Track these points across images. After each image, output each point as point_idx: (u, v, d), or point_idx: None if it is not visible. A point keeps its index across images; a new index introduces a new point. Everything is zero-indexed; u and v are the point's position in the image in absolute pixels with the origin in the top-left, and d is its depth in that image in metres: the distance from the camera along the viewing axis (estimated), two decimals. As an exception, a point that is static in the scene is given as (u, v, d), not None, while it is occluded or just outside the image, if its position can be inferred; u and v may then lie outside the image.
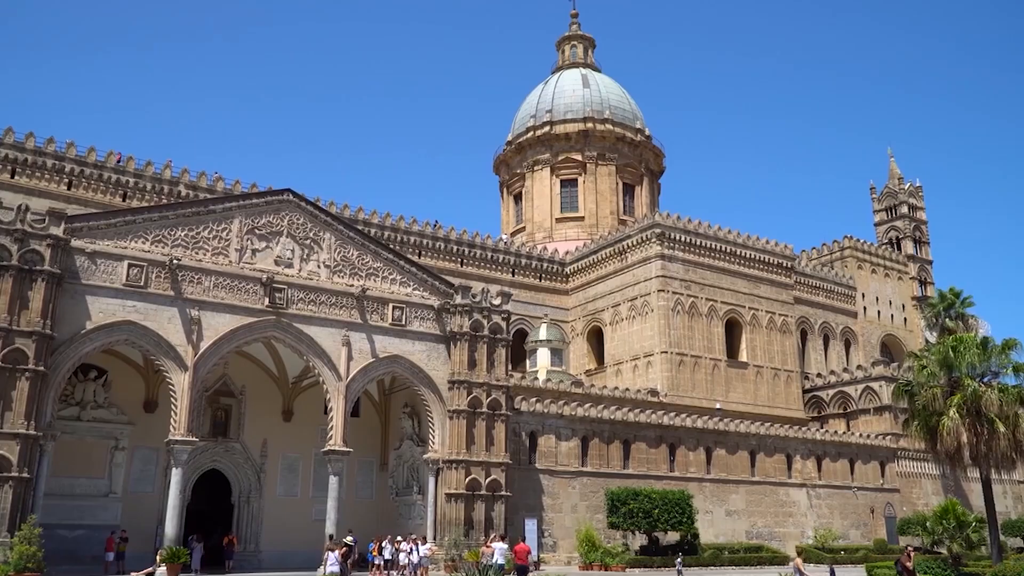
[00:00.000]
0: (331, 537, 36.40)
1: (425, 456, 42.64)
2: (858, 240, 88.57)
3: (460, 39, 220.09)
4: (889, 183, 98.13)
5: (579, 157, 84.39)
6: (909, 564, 28.45)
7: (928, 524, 39.27)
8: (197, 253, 37.73)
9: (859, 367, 74.20)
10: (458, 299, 43.23)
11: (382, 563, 37.34)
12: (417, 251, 66.52)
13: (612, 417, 50.39)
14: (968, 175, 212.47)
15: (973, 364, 35.57)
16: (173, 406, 36.09)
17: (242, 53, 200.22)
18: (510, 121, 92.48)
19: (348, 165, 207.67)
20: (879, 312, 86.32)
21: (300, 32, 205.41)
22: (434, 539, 40.26)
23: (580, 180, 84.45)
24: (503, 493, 42.17)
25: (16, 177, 53.06)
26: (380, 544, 38.32)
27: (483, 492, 41.49)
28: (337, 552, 31.09)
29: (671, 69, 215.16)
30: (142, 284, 35.67)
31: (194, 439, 36.53)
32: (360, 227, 52.74)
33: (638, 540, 47.24)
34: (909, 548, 31.12)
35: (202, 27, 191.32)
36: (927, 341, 71.99)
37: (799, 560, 26.89)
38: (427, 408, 42.57)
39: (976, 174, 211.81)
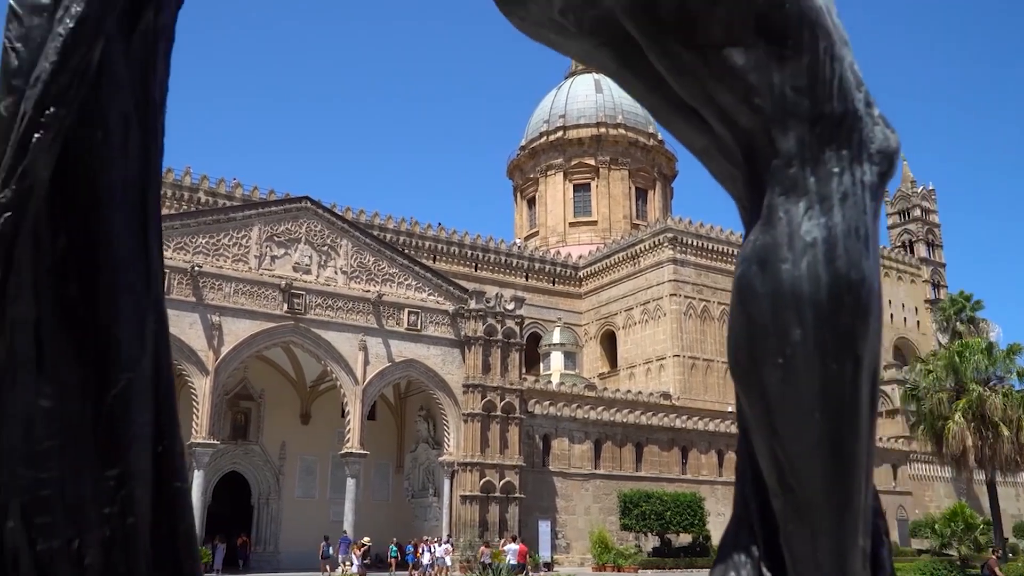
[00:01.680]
0: (326, 538, 37.50)
1: (440, 458, 43.37)
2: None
3: (474, 44, 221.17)
4: (902, 186, 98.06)
5: (592, 162, 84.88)
6: (998, 570, 28.28)
7: (937, 527, 39.69)
8: (218, 260, 38.62)
9: (871, 370, 74.26)
10: (472, 304, 43.94)
11: (427, 563, 37.79)
12: (432, 256, 67.17)
13: (625, 420, 50.93)
14: (981, 178, 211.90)
15: (978, 369, 36.14)
16: (194, 410, 36.96)
17: (254, 55, 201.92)
18: (524, 126, 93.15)
19: (362, 169, 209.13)
20: (892, 315, 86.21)
21: (312, 35, 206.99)
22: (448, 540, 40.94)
23: (593, 184, 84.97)
24: (517, 495, 42.85)
25: (39, 185, 54.10)
26: (422, 545, 38.70)
27: (497, 494, 42.18)
28: (358, 552, 31.90)
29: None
30: (164, 290, 36.45)
31: (215, 442, 37.44)
32: (376, 232, 53.56)
33: (650, 542, 47.76)
34: (998, 553, 31.12)
35: (213, 29, 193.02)
36: (940, 344, 72.21)
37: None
38: (442, 411, 43.31)
39: (989, 177, 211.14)
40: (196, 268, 37.41)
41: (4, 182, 1.92)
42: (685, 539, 48.33)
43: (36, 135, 1.93)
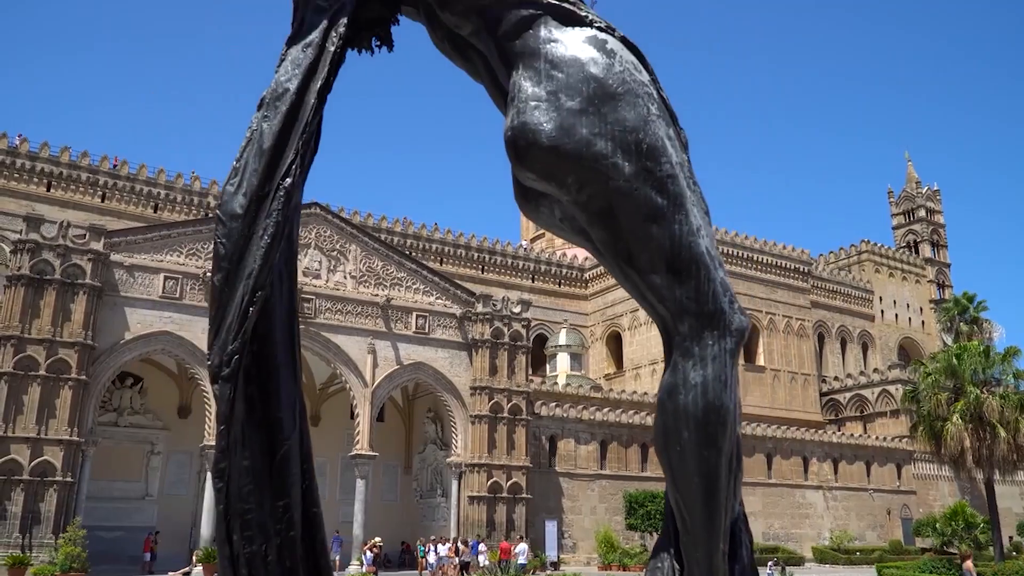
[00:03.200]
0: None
1: (448, 460, 43.94)
2: (875, 244, 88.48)
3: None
4: (907, 187, 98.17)
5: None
6: None
7: (938, 526, 40.12)
8: (229, 265, 39.19)
9: (875, 370, 74.70)
10: (479, 307, 44.50)
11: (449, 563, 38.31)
12: (439, 258, 67.76)
13: (630, 421, 51.38)
14: (987, 178, 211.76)
15: (976, 371, 36.62)
16: (207, 412, 37.62)
17: (258, 58, 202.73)
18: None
19: (368, 171, 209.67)
20: (896, 315, 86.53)
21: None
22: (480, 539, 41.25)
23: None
24: (524, 495, 43.40)
25: (52, 190, 54.88)
26: (435, 545, 39.13)
27: (504, 495, 42.72)
28: (371, 552, 32.49)
29: (688, 74, 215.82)
30: (177, 296, 37.22)
31: (226, 444, 38.02)
32: (383, 236, 54.17)
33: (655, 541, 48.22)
34: None
35: (216, 31, 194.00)
36: (944, 344, 72.53)
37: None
38: (450, 413, 43.87)
39: (995, 177, 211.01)
40: (208, 273, 37.90)
41: (235, 337, 3.39)
42: (690, 539, 48.70)
43: (251, 307, 3.39)
